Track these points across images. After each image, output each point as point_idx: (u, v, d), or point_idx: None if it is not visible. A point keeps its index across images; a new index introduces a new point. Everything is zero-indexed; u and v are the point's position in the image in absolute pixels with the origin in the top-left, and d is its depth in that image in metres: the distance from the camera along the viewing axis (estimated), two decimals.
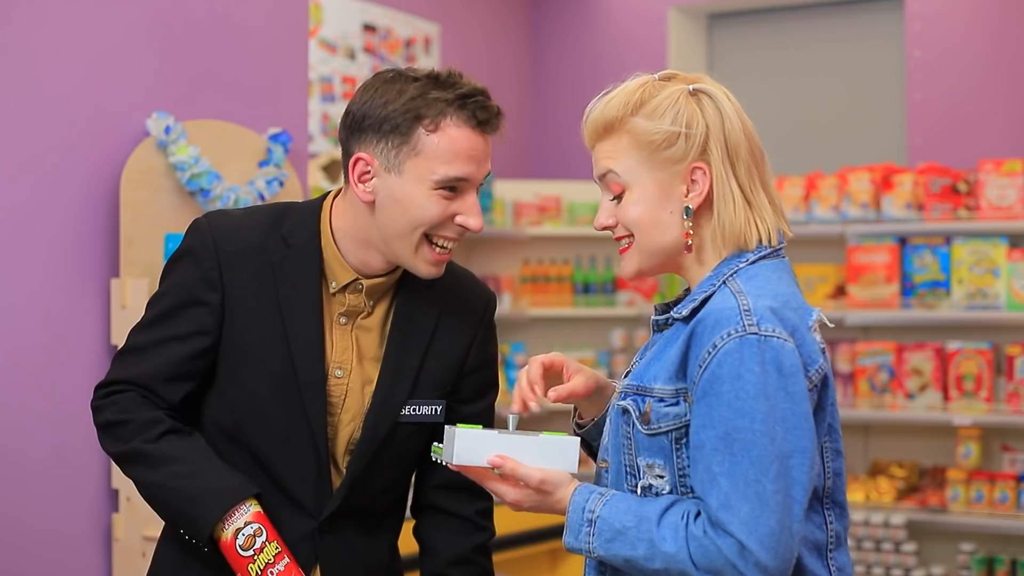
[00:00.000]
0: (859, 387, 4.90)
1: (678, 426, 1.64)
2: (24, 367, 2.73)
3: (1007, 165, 4.65)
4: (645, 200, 1.70)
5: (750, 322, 1.57)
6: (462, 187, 1.85)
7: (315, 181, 4.56)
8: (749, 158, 1.69)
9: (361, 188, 1.86)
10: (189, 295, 1.89)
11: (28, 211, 2.73)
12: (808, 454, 1.57)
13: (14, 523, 2.71)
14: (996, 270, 4.63)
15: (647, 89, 1.70)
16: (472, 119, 1.84)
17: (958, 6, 5.32)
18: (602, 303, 5.59)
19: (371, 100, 1.85)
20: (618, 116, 1.70)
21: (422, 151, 1.82)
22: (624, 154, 1.70)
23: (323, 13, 5.23)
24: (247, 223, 1.93)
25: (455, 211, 1.85)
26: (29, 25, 2.74)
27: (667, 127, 1.67)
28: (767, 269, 1.67)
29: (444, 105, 1.82)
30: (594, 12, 6.14)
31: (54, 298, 2.77)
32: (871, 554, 4.74)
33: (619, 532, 1.61)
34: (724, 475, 1.55)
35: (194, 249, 1.90)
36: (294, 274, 1.90)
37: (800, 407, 1.57)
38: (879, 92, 5.68)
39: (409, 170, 1.83)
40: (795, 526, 1.55)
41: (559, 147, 6.17)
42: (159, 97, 2.95)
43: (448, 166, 1.82)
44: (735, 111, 1.70)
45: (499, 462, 1.69)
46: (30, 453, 2.74)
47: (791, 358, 1.57)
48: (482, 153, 1.86)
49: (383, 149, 1.84)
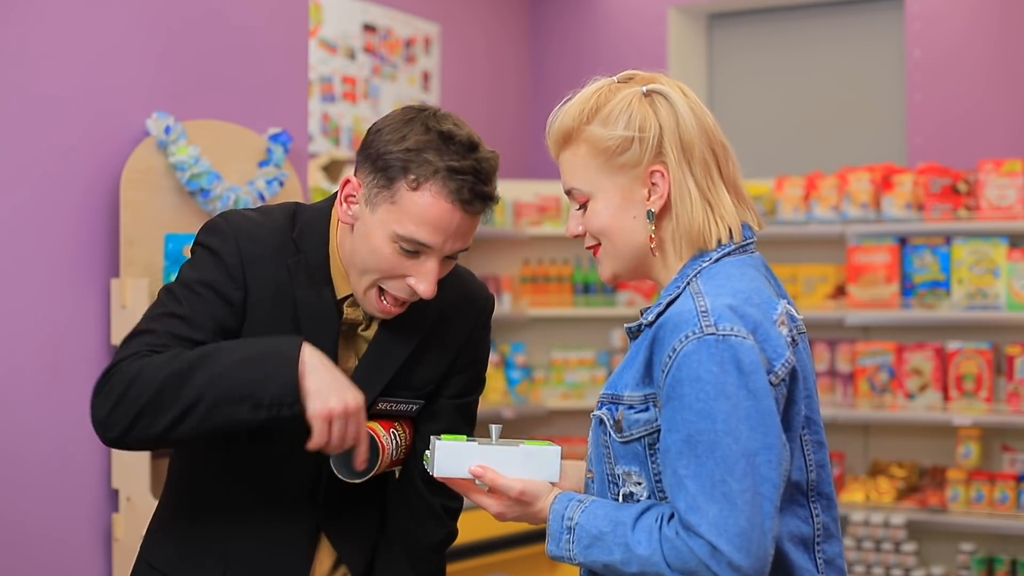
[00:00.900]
0: (859, 387, 4.90)
1: (650, 431, 1.64)
2: (24, 367, 2.73)
3: (1007, 165, 4.65)
4: (608, 208, 1.71)
5: (707, 323, 1.57)
6: (423, 251, 1.82)
7: (315, 181, 4.56)
8: (706, 155, 1.69)
9: (344, 208, 1.87)
10: (214, 291, 1.86)
11: (28, 211, 2.73)
12: (775, 450, 1.56)
13: (14, 523, 2.71)
14: (996, 270, 4.63)
15: (602, 95, 1.71)
16: (452, 195, 1.80)
17: (958, 6, 5.32)
18: (602, 303, 5.59)
19: (383, 131, 1.85)
20: (574, 125, 1.71)
21: (398, 202, 1.81)
22: (584, 163, 1.71)
23: (323, 13, 5.23)
24: (264, 223, 1.92)
25: (408, 271, 1.83)
26: (29, 25, 2.74)
27: (620, 132, 1.67)
28: (730, 266, 1.67)
29: (432, 171, 1.80)
30: (594, 12, 6.14)
31: (54, 298, 2.77)
32: (871, 554, 4.74)
33: (596, 538, 1.62)
34: (690, 477, 1.54)
35: (217, 248, 1.88)
36: (308, 278, 1.90)
37: (763, 403, 1.56)
38: (879, 92, 5.68)
39: (381, 213, 1.82)
40: (767, 523, 1.54)
41: None
42: (159, 97, 2.95)
43: (414, 227, 1.80)
44: (690, 109, 1.69)
45: (479, 472, 1.71)
46: (30, 453, 2.74)
47: (750, 355, 1.56)
48: (455, 228, 1.82)
49: (370, 182, 1.84)
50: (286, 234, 1.91)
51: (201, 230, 1.93)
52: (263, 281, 1.88)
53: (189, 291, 1.86)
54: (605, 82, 1.74)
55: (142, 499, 2.75)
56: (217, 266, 1.87)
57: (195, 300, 1.86)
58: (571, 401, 5.55)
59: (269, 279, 1.88)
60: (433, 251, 1.83)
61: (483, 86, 5.98)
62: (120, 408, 1.79)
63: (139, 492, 2.76)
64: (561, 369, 5.59)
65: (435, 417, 2.02)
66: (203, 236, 1.92)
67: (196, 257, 1.91)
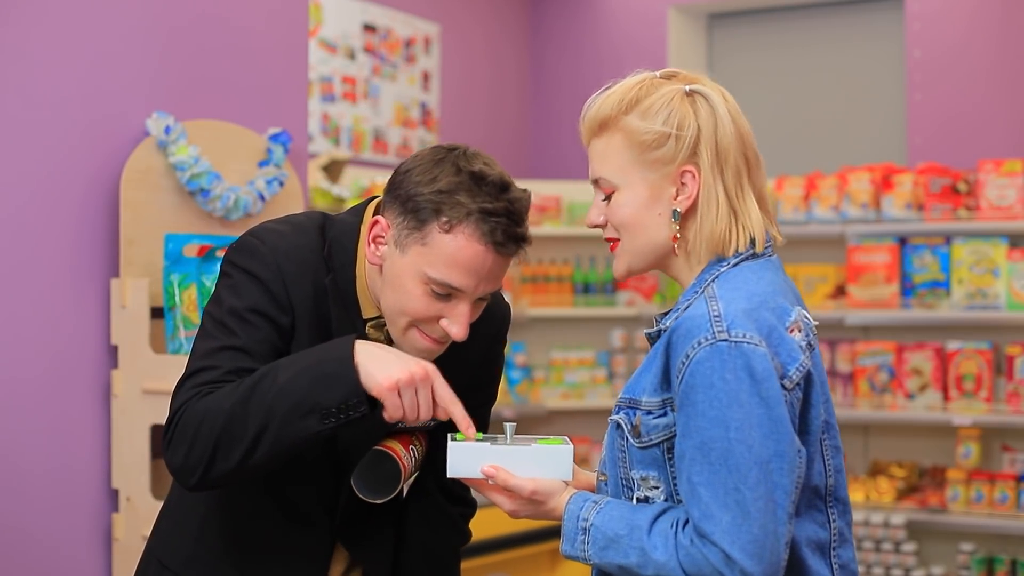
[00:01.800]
0: (859, 387, 4.90)
1: (668, 436, 1.64)
2: (24, 367, 2.73)
3: (1007, 165, 4.65)
4: (634, 201, 1.69)
5: (720, 328, 1.57)
6: (455, 295, 1.79)
7: (315, 181, 4.56)
8: (740, 162, 1.68)
9: (372, 249, 1.83)
10: (265, 317, 1.82)
11: (28, 211, 2.73)
12: (788, 457, 1.56)
13: (14, 523, 2.71)
14: (996, 270, 4.63)
15: (644, 87, 1.70)
16: (486, 236, 1.76)
17: (958, 6, 5.32)
18: (602, 303, 5.59)
19: (412, 172, 1.80)
20: (611, 114, 1.69)
21: (429, 244, 1.77)
22: (616, 153, 1.70)
23: (323, 13, 5.23)
24: (297, 240, 1.87)
25: (441, 314, 1.80)
26: (29, 25, 2.74)
27: (658, 127, 1.66)
28: (747, 270, 1.67)
29: (464, 213, 1.75)
30: (594, 12, 6.13)
31: (54, 298, 2.77)
32: (871, 554, 4.74)
33: (612, 540, 1.62)
34: (703, 485, 1.55)
35: (259, 273, 1.82)
36: (340, 296, 1.87)
37: (775, 411, 1.56)
38: (879, 92, 5.68)
39: (412, 255, 1.78)
40: (780, 530, 1.54)
41: (559, 147, 6.17)
42: (159, 97, 2.95)
43: (447, 270, 1.76)
44: (730, 114, 1.69)
45: (492, 472, 1.71)
46: (30, 453, 2.74)
47: (763, 362, 1.56)
48: (488, 271, 1.79)
49: (400, 224, 1.79)
50: (318, 250, 1.87)
51: (237, 251, 1.87)
52: (304, 301, 1.84)
53: (240, 320, 1.81)
54: (647, 75, 1.72)
55: (142, 499, 2.75)
56: (263, 292, 1.82)
57: (249, 329, 1.81)
58: (571, 401, 5.55)
59: (308, 299, 1.84)
60: (465, 295, 1.80)
61: (483, 86, 5.98)
62: (195, 451, 1.74)
63: (139, 492, 2.76)
64: (561, 369, 5.59)
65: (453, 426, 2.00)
66: (241, 259, 1.85)
67: (237, 282, 1.84)
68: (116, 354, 2.81)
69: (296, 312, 1.83)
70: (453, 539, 2.10)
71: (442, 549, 2.08)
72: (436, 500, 2.06)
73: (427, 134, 5.70)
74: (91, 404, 2.82)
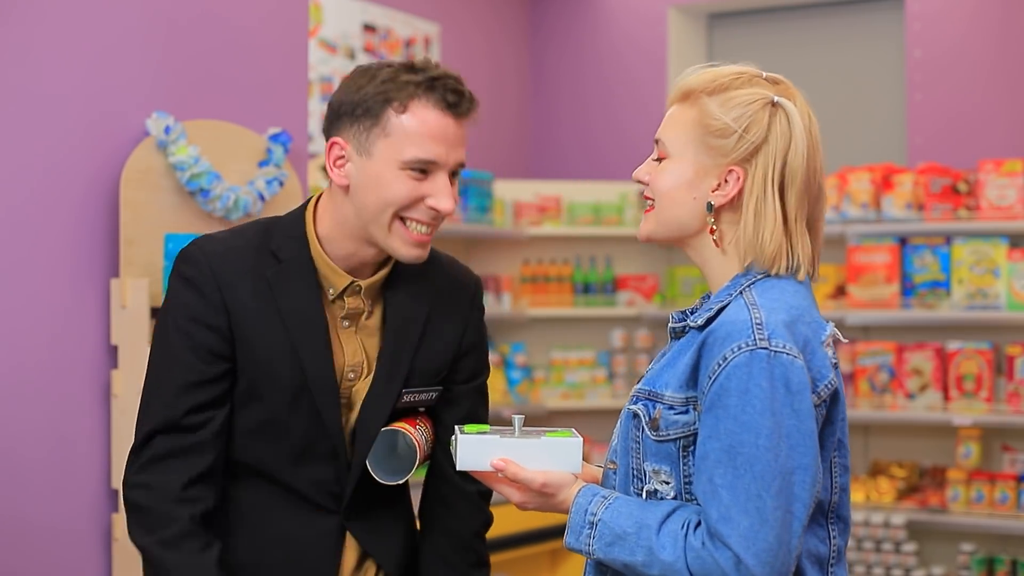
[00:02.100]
0: (859, 387, 4.90)
1: (686, 434, 1.64)
2: (24, 367, 2.73)
3: (1007, 165, 4.65)
4: (678, 175, 1.71)
5: (761, 336, 1.58)
6: (432, 169, 1.88)
7: (315, 181, 4.56)
8: (804, 188, 1.69)
9: (337, 173, 1.91)
10: (198, 322, 1.91)
11: (28, 211, 2.73)
12: (811, 471, 1.57)
13: (14, 523, 2.71)
14: (996, 270, 4.63)
15: (739, 79, 1.72)
16: (441, 101, 1.87)
17: (958, 6, 5.31)
18: (602, 303, 5.59)
19: (347, 89, 1.91)
20: (697, 89, 1.72)
21: (391, 132, 1.86)
22: (684, 124, 1.72)
23: (323, 13, 5.23)
24: (236, 244, 1.96)
25: (425, 193, 1.88)
26: (29, 25, 2.74)
27: (727, 120, 1.68)
28: (786, 283, 1.68)
29: (414, 87, 1.86)
30: (594, 12, 6.13)
31: (54, 298, 2.77)
32: (871, 554, 4.74)
33: (619, 537, 1.63)
34: (726, 488, 1.55)
35: (192, 276, 1.92)
36: (290, 286, 1.93)
37: (805, 424, 1.57)
38: (879, 92, 5.68)
39: (379, 151, 1.87)
40: (793, 542, 1.56)
41: (559, 147, 6.17)
42: (159, 97, 2.95)
43: (416, 147, 1.86)
44: (806, 139, 1.69)
45: (501, 466, 1.72)
46: (30, 453, 2.74)
47: (799, 375, 1.58)
48: (452, 137, 1.89)
49: (356, 133, 1.88)
50: (262, 249, 1.95)
51: (176, 260, 1.97)
52: (244, 299, 1.92)
53: (179, 332, 1.91)
54: (751, 70, 1.74)
55: None
56: (195, 296, 1.91)
57: (186, 341, 1.90)
58: (571, 401, 5.55)
59: (249, 296, 1.92)
60: (440, 165, 1.87)
61: (483, 86, 5.97)
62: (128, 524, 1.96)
63: None
64: (561, 369, 5.59)
65: (454, 403, 2.07)
66: (178, 265, 1.95)
67: (173, 289, 1.95)
68: (116, 354, 2.81)
69: (232, 311, 1.91)
70: (475, 520, 2.11)
71: (465, 530, 2.10)
72: (453, 481, 2.08)
73: None
74: (91, 404, 2.82)
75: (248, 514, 1.98)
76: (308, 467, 1.96)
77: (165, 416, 1.90)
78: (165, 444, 1.90)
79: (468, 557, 2.10)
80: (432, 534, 2.11)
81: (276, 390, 1.93)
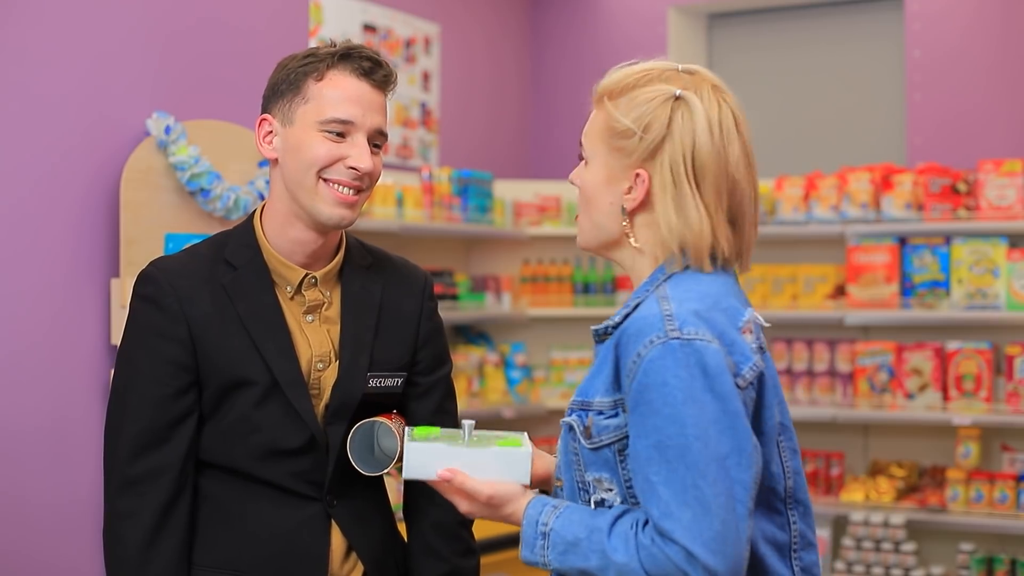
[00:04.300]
0: (859, 387, 4.90)
1: (619, 437, 1.63)
2: (24, 366, 2.73)
3: (1007, 165, 4.65)
4: (595, 177, 1.73)
5: (672, 327, 1.57)
6: (349, 130, 1.98)
7: None
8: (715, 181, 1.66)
9: (266, 148, 2.03)
10: (159, 336, 1.96)
11: (28, 211, 2.74)
12: (746, 452, 1.55)
13: (14, 522, 2.72)
14: (996, 270, 4.63)
15: (645, 78, 1.71)
16: (358, 68, 1.99)
17: (958, 6, 5.32)
18: (602, 303, 5.59)
19: (275, 72, 2.04)
20: (603, 92, 1.73)
21: (310, 99, 1.98)
22: (596, 127, 1.73)
23: (323, 13, 5.23)
24: (191, 260, 2.03)
25: (344, 153, 1.98)
26: (29, 26, 2.74)
27: (627, 122, 1.67)
28: (702, 275, 1.67)
29: (331, 58, 1.99)
30: (594, 12, 6.14)
31: (54, 298, 2.77)
32: (871, 554, 4.74)
33: (572, 544, 1.61)
34: (662, 483, 1.54)
35: (150, 293, 1.98)
36: (247, 290, 2.00)
37: (730, 406, 1.55)
38: (879, 92, 5.68)
39: (299, 118, 1.98)
40: (741, 525, 1.54)
41: (559, 147, 6.17)
42: (159, 97, 2.95)
43: (332, 108, 1.97)
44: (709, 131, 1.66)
45: (448, 476, 1.71)
46: (30, 451, 2.74)
47: (715, 358, 1.56)
48: (368, 101, 1.99)
49: (280, 107, 2.01)
50: (216, 261, 2.02)
51: (136, 281, 2.02)
52: (204, 308, 1.98)
53: (143, 349, 1.96)
54: (662, 65, 1.72)
55: None
56: (155, 311, 1.97)
57: (153, 356, 1.95)
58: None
59: (207, 305, 1.98)
60: (356, 127, 1.98)
61: (483, 86, 5.97)
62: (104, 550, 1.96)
63: None
64: (561, 369, 5.59)
65: (422, 397, 2.12)
66: (136, 287, 2.01)
67: (133, 309, 2.00)
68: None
69: (191, 322, 1.96)
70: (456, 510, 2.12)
71: (450, 521, 2.12)
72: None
73: (427, 134, 5.71)
74: (91, 404, 2.82)
75: (230, 509, 2.01)
76: (285, 461, 1.99)
77: (139, 429, 1.94)
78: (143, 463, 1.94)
79: (455, 546, 2.13)
80: (418, 527, 2.14)
81: (245, 392, 1.97)
